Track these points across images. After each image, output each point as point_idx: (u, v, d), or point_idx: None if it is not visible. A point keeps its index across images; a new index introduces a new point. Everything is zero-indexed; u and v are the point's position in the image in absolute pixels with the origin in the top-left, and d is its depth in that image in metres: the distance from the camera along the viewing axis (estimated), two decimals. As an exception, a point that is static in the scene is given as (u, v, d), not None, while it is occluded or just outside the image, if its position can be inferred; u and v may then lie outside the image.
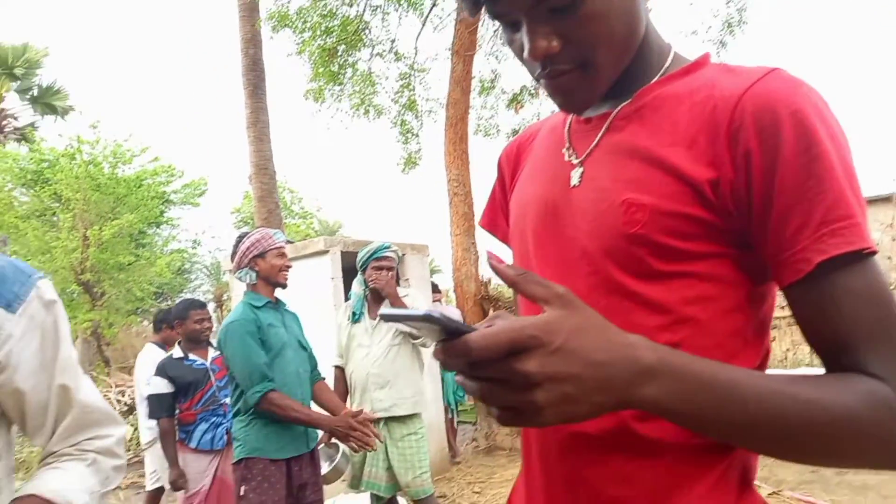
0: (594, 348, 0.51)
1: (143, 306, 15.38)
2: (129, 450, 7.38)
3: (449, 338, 0.50)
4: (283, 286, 2.69)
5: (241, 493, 2.42)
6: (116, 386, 9.18)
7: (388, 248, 3.34)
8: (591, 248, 0.68)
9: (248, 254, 2.62)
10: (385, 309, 0.54)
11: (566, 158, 0.75)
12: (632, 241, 0.65)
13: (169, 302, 19.85)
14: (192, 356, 3.52)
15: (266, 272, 2.63)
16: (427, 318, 0.48)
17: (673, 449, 0.64)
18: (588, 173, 0.72)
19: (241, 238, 2.70)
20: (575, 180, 0.72)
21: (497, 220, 0.94)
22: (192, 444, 3.39)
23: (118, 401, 8.72)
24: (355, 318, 3.35)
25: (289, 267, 2.72)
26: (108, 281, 11.68)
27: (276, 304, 2.71)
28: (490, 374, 0.50)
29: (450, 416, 6.26)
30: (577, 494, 0.68)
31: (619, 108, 0.72)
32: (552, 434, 0.70)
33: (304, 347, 2.76)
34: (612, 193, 0.67)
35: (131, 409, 8.43)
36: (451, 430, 6.27)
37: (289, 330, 2.68)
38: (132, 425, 7.94)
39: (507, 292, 8.14)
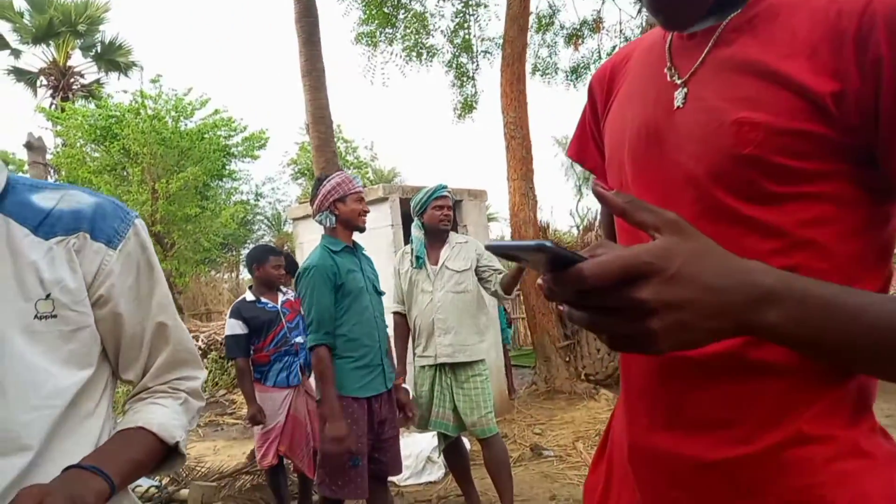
0: (711, 273, 0.49)
1: (211, 256, 16.01)
2: (204, 390, 7.83)
3: (557, 268, 0.49)
4: (362, 230, 2.73)
5: (328, 426, 2.53)
6: (190, 332, 9.67)
7: (445, 187, 3.34)
8: (697, 173, 0.65)
9: (329, 197, 2.66)
10: (492, 242, 0.53)
11: (668, 79, 0.71)
12: (744, 162, 0.61)
13: (234, 253, 20.64)
14: (263, 299, 3.65)
15: (346, 216, 2.67)
16: (539, 249, 0.47)
17: (785, 373, 0.62)
18: (693, 93, 0.68)
19: (321, 181, 2.74)
20: (678, 101, 0.69)
21: (587, 148, 0.90)
22: (269, 384, 3.56)
23: (193, 345, 9.21)
24: (419, 262, 3.39)
25: (367, 212, 2.76)
26: (178, 232, 12.17)
27: (354, 249, 2.75)
28: (602, 304, 0.49)
29: (505, 356, 6.36)
30: (680, 418, 0.67)
31: (727, 19, 0.67)
32: (656, 359, 0.69)
33: (378, 292, 2.82)
34: (722, 113, 0.63)
35: (205, 353, 8.91)
36: (508, 369, 6.37)
37: (366, 275, 2.74)
38: (206, 367, 8.37)
39: (567, 237, 8.06)
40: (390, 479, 3.99)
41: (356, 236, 2.79)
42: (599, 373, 6.85)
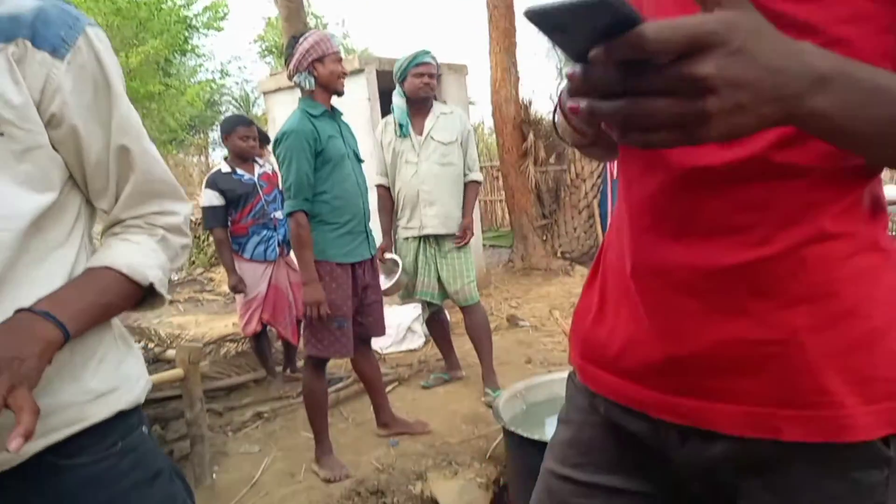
0: (771, 53, 0.44)
1: (178, 137, 15.49)
2: (181, 269, 7.80)
3: (607, 35, 0.43)
4: (341, 93, 2.59)
5: None
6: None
7: (428, 53, 3.17)
8: None
9: (307, 57, 2.49)
10: (534, 6, 0.45)
11: None
12: None
13: (202, 135, 19.99)
14: (239, 171, 3.55)
15: (325, 78, 2.52)
16: (600, 4, 0.40)
17: (809, 174, 0.60)
18: None
19: (296, 39, 2.56)
20: None
21: None
22: (247, 255, 3.54)
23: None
24: (403, 130, 3.28)
25: (346, 74, 2.61)
26: (141, 111, 11.66)
27: (333, 113, 2.63)
28: (652, 83, 0.43)
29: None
30: (692, 227, 0.65)
31: None
32: (667, 173, 0.65)
33: (359, 159, 2.73)
34: None
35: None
36: None
37: (346, 141, 2.64)
38: (183, 247, 8.31)
39: (549, 116, 7.87)
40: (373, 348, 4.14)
41: (335, 101, 2.66)
42: (575, 250, 6.99)
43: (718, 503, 0.75)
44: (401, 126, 3.26)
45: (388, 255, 3.33)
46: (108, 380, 0.86)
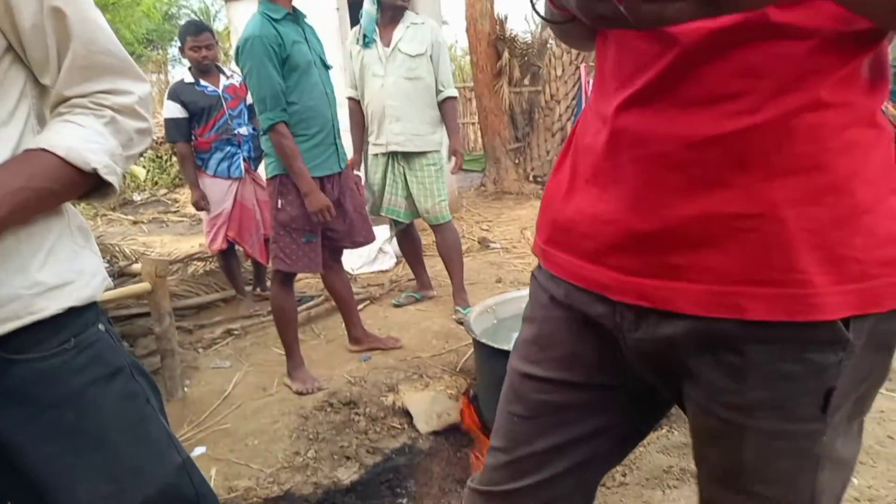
0: None
1: (135, 52, 14.68)
2: (126, 189, 7.57)
3: None
4: None
5: (279, 206, 2.47)
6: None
7: None
8: None
9: None
10: None
11: None
12: None
13: (161, 51, 18.98)
14: (203, 82, 3.37)
15: None
16: None
17: (811, 37, 0.56)
18: None
19: None
20: None
21: None
22: (210, 172, 3.41)
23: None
24: (366, 41, 3.12)
25: None
26: (94, 21, 10.95)
27: (296, 16, 2.47)
28: None
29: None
30: (678, 97, 0.61)
31: None
32: (661, 39, 0.61)
33: (327, 66, 2.60)
34: None
35: (139, 153, 8.50)
36: None
37: (312, 46, 2.49)
38: (144, 167, 8.06)
39: (524, 35, 7.66)
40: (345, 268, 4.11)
41: (298, 3, 2.49)
42: (548, 174, 6.93)
43: (670, 394, 0.75)
44: (364, 35, 3.10)
45: (354, 172, 3.25)
46: (59, 273, 0.81)
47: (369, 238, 2.80)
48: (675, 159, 0.62)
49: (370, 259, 4.25)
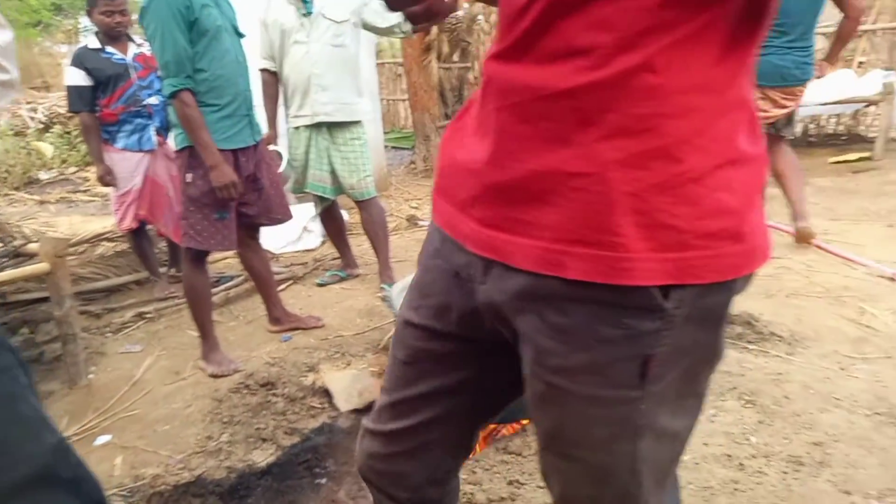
0: None
1: (43, 19, 13.70)
2: (31, 167, 7.11)
3: None
4: None
5: (188, 180, 2.34)
6: (27, 103, 8.51)
7: None
8: None
9: None
10: None
11: None
12: None
13: (72, 20, 17.77)
14: (109, 49, 3.14)
15: None
16: None
17: None
18: None
19: None
20: None
21: None
22: (118, 145, 3.20)
23: (31, 118, 8.15)
24: (308, 7, 2.98)
25: None
26: (-7, -14, 10.12)
27: None
28: None
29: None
30: (537, 48, 0.60)
31: None
32: None
33: (239, 34, 2.46)
34: None
35: (47, 127, 7.96)
36: None
37: (223, 11, 2.36)
38: (52, 144, 7.56)
39: (452, 10, 7.56)
40: (266, 247, 3.98)
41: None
42: (477, 153, 6.95)
43: (518, 352, 0.74)
44: (304, 2, 2.97)
45: (271, 148, 3.12)
46: None
47: (286, 215, 2.71)
48: (528, 111, 0.61)
49: (294, 238, 4.14)
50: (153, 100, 3.26)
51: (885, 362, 2.14)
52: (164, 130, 3.30)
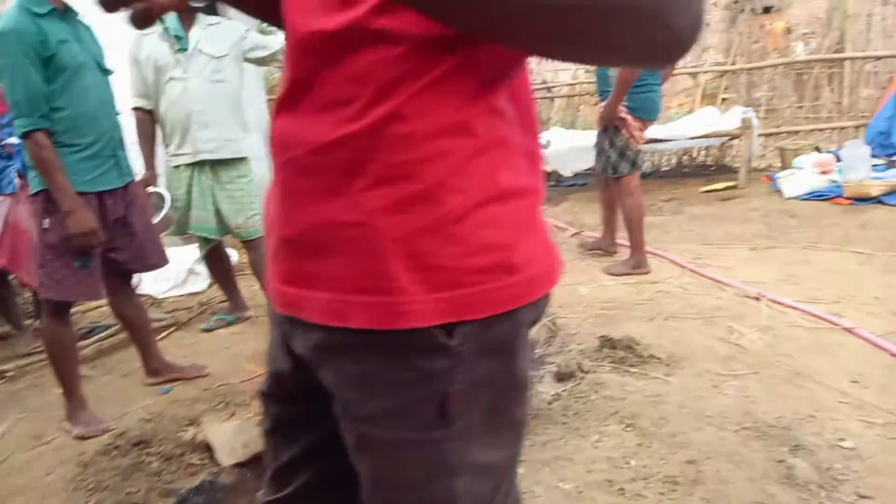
0: None
1: None
2: None
3: None
4: None
5: (46, 225, 2.15)
6: None
7: None
8: None
9: None
10: None
11: None
12: None
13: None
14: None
15: None
16: None
17: (403, 42, 0.56)
18: None
19: None
20: None
21: None
22: (-26, 189, 2.94)
23: None
24: (181, 43, 2.88)
25: None
26: None
27: (66, 13, 2.18)
28: None
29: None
30: (310, 100, 0.62)
31: None
32: (294, 37, 0.62)
33: (104, 70, 2.33)
34: None
35: None
36: None
37: (85, 47, 2.22)
38: None
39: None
40: (148, 292, 3.75)
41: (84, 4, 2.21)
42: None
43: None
44: (178, 38, 2.87)
45: (151, 190, 2.97)
46: None
47: (161, 261, 2.56)
48: (304, 165, 0.62)
49: (180, 281, 3.93)
50: (13, 139, 3.02)
51: (752, 378, 2.30)
52: (26, 172, 3.06)
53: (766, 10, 7.73)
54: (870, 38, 6.96)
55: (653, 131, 5.95)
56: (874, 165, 5.02)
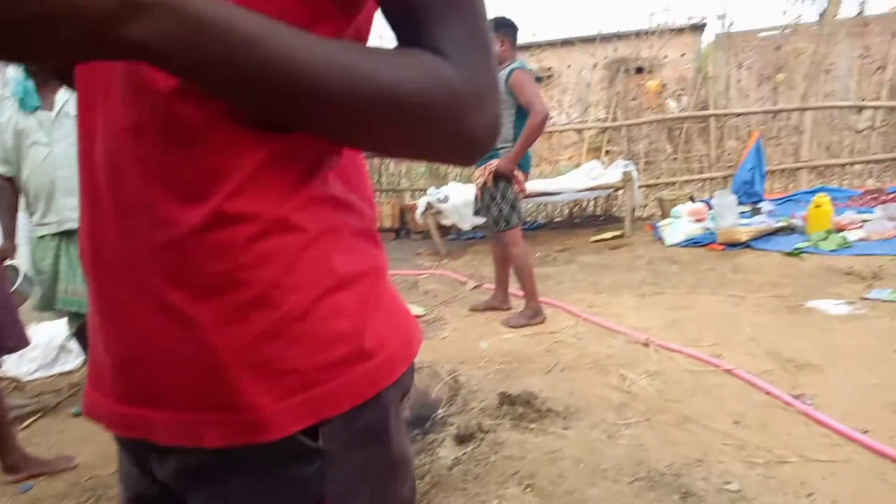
0: None
1: None
2: None
3: None
4: None
5: None
6: None
7: None
8: None
9: None
10: None
11: None
12: None
13: None
14: None
15: None
16: None
17: (208, 132, 0.52)
18: None
19: None
20: None
21: None
22: None
23: None
24: (28, 105, 2.69)
25: None
26: None
27: None
28: None
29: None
30: (121, 200, 0.55)
31: None
32: (102, 136, 0.55)
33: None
34: None
35: None
36: None
37: None
38: None
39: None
40: (11, 374, 3.39)
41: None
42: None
43: None
44: (22, 100, 2.68)
45: (7, 263, 2.71)
46: None
47: (21, 343, 2.32)
48: (126, 274, 0.56)
49: (48, 361, 3.57)
50: None
51: (644, 425, 2.36)
52: None
53: (639, 70, 8.40)
54: (729, 97, 7.73)
55: (545, 184, 6.27)
56: (741, 213, 5.49)
